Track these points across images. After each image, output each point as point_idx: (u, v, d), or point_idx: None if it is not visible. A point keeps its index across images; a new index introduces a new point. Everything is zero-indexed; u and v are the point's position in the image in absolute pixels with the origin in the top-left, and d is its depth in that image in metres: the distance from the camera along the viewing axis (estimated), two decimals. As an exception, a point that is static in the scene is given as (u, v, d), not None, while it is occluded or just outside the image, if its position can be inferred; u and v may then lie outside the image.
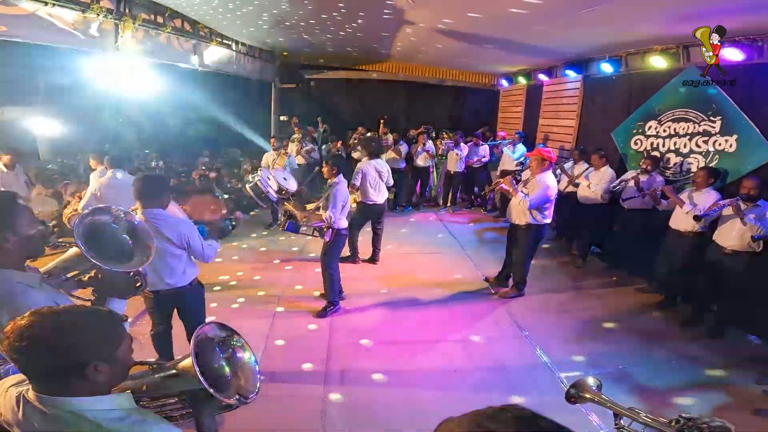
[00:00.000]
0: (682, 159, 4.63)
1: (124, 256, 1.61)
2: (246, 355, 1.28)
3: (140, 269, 1.67)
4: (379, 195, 5.11)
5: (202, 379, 1.08)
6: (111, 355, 1.05)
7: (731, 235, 3.55)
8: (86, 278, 1.67)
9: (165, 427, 1.05)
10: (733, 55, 3.84)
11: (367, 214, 5.17)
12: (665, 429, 1.26)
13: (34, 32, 3.62)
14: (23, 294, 1.38)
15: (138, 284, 1.78)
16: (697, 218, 3.70)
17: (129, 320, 1.51)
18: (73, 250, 1.63)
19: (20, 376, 1.15)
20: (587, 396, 1.45)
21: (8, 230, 1.39)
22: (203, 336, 1.19)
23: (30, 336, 0.96)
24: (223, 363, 1.21)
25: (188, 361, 1.13)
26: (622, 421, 1.42)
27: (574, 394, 1.48)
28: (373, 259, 5.36)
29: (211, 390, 1.09)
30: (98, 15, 3.95)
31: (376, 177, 5.03)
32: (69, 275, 1.61)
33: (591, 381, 1.49)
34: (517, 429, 0.49)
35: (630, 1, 3.35)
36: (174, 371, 1.19)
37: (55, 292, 1.52)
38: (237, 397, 1.19)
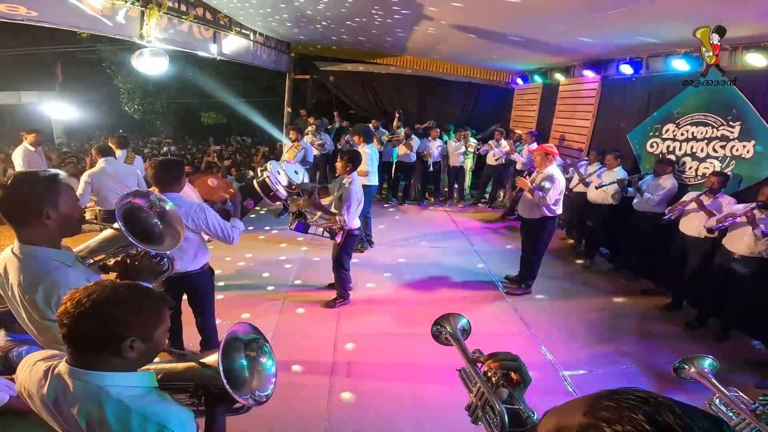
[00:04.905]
0: (698, 163, 4.60)
1: (154, 239, 1.65)
2: (267, 362, 1.24)
3: (168, 253, 1.73)
4: (376, 177, 5.52)
5: (223, 377, 1.04)
6: (149, 334, 1.07)
7: (742, 241, 3.54)
8: (112, 263, 1.68)
9: (181, 409, 1.07)
10: (756, 60, 3.80)
11: (368, 197, 5.23)
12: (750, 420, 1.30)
13: (64, 18, 3.70)
14: (57, 271, 1.40)
15: (164, 269, 1.84)
16: (710, 231, 3.70)
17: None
18: (106, 232, 1.67)
19: (47, 352, 1.18)
20: (692, 371, 1.48)
21: (51, 207, 1.40)
22: (234, 334, 1.18)
23: (86, 303, 1.01)
24: (245, 364, 1.19)
25: (213, 357, 1.11)
26: (716, 401, 1.45)
27: (680, 367, 1.52)
28: (369, 243, 5.58)
29: (230, 390, 1.05)
30: (126, 2, 4.02)
31: (375, 161, 5.45)
32: (95, 258, 1.63)
33: (707, 362, 1.50)
34: (641, 409, 0.47)
35: (660, 3, 3.30)
36: (196, 364, 1.17)
37: (87, 270, 1.55)
38: (251, 396, 1.16)
